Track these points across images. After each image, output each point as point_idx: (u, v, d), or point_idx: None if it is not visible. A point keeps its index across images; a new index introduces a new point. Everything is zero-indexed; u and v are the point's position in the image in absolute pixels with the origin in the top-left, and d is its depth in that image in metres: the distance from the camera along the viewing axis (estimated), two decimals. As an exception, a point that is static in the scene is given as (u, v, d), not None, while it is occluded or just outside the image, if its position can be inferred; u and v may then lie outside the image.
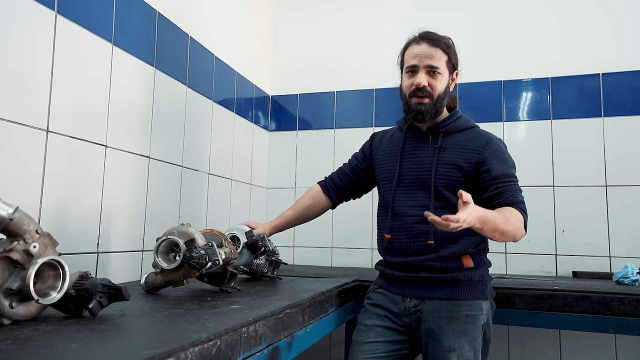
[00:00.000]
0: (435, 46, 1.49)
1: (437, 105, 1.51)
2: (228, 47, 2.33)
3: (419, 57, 1.49)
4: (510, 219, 1.36)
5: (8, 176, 1.17)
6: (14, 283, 0.82)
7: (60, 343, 0.72)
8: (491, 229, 1.32)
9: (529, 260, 2.33)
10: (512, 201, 1.43)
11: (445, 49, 1.50)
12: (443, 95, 1.51)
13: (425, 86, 1.48)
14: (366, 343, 1.48)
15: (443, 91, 1.51)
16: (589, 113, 2.34)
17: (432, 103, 1.50)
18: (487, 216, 1.30)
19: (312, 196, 1.77)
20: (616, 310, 1.53)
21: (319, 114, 2.76)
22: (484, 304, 1.46)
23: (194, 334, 0.77)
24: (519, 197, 1.45)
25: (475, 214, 1.25)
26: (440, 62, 1.49)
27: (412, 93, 1.51)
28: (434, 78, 1.49)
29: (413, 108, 1.51)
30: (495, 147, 1.50)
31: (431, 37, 1.51)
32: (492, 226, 1.31)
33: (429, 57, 1.48)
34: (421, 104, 1.50)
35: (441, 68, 1.49)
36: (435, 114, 1.52)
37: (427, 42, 1.50)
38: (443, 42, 1.50)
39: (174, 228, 1.27)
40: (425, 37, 1.51)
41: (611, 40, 2.34)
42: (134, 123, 1.64)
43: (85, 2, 1.41)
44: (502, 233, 1.35)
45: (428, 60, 1.48)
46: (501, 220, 1.34)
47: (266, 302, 1.15)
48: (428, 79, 1.49)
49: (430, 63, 1.48)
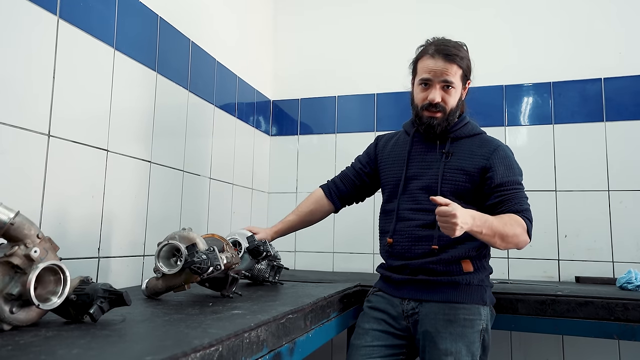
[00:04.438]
0: (451, 62, 1.47)
1: (449, 119, 1.51)
2: (229, 52, 2.33)
3: (434, 72, 1.48)
4: (509, 224, 1.35)
5: (9, 180, 1.16)
6: (15, 288, 0.81)
7: (61, 349, 0.72)
8: (490, 233, 1.31)
9: (531, 266, 2.32)
10: (516, 209, 1.42)
11: (460, 63, 1.48)
12: (455, 108, 1.51)
13: (439, 102, 1.48)
14: (363, 347, 1.47)
15: (456, 104, 1.51)
16: (591, 118, 2.33)
17: (444, 117, 1.50)
18: (483, 217, 1.30)
19: (314, 201, 1.77)
20: (620, 315, 1.52)
21: (321, 118, 2.76)
22: (482, 309, 1.45)
23: (196, 339, 0.77)
24: (524, 204, 1.44)
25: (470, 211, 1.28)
26: (455, 77, 1.48)
27: (425, 107, 1.50)
28: (448, 93, 1.49)
29: (425, 121, 1.51)
30: (503, 154, 1.49)
31: (447, 51, 1.47)
32: (490, 230, 1.31)
33: (444, 73, 1.47)
34: (433, 118, 1.50)
35: (455, 82, 1.48)
36: (446, 126, 1.52)
37: (443, 57, 1.47)
38: (459, 57, 1.48)
39: (175, 233, 1.27)
40: (441, 52, 1.47)
41: (613, 44, 2.34)
42: (136, 128, 1.64)
43: (87, 6, 1.41)
44: (502, 237, 1.34)
45: (444, 76, 1.47)
46: (499, 224, 1.33)
47: (268, 308, 1.14)
48: (442, 94, 1.48)
49: (445, 79, 1.47)
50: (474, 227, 1.28)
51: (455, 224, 1.22)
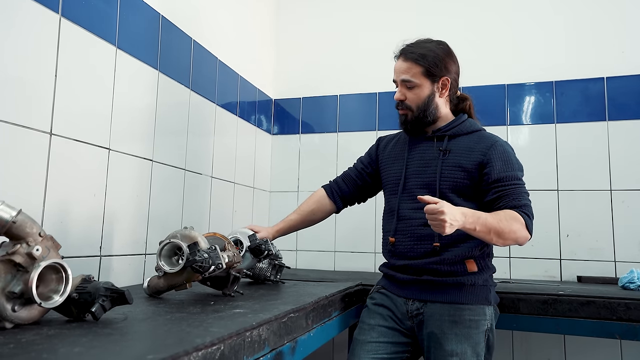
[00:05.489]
0: (408, 60, 1.53)
1: (422, 115, 1.54)
2: (231, 51, 2.33)
3: (395, 73, 1.57)
4: (504, 220, 1.34)
5: (11, 179, 1.16)
6: (17, 286, 0.81)
7: (63, 347, 0.72)
8: (484, 230, 1.30)
9: (533, 265, 2.32)
10: (514, 204, 1.40)
11: (419, 60, 1.51)
12: (425, 105, 1.53)
13: (402, 100, 1.55)
14: (369, 342, 1.47)
15: (424, 101, 1.53)
16: (593, 117, 2.33)
17: (414, 114, 1.55)
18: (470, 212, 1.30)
19: (316, 200, 1.77)
20: (622, 315, 1.52)
21: (322, 117, 2.76)
22: (487, 309, 1.45)
23: (198, 338, 0.77)
24: (523, 200, 1.42)
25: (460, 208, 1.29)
26: (414, 75, 1.52)
27: (395, 106, 1.59)
28: (411, 91, 1.54)
29: (400, 119, 1.60)
30: (500, 149, 1.48)
31: (406, 50, 1.55)
32: (484, 227, 1.30)
33: (402, 72, 1.54)
34: (403, 116, 1.58)
35: (415, 81, 1.52)
36: (427, 123, 1.55)
37: (402, 56, 1.55)
38: (418, 54, 1.51)
39: (177, 231, 1.27)
40: (402, 52, 1.56)
41: (615, 43, 2.34)
42: (138, 126, 1.64)
43: (89, 5, 1.41)
44: (498, 234, 1.32)
45: (402, 75, 1.55)
46: (493, 220, 1.32)
47: (270, 306, 1.14)
48: (405, 92, 1.55)
49: (403, 77, 1.54)
50: (466, 224, 1.27)
51: (444, 220, 1.22)
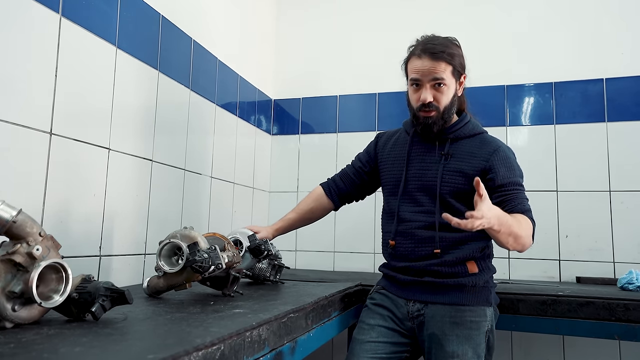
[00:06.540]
0: (438, 60, 1.44)
1: (444, 117, 1.49)
2: (231, 51, 2.33)
3: (422, 72, 1.45)
4: (522, 225, 1.35)
5: (11, 178, 1.16)
6: (17, 286, 0.81)
7: (63, 347, 0.72)
8: (507, 232, 1.29)
9: (532, 266, 2.32)
10: (520, 209, 1.40)
11: (448, 59, 1.45)
12: (450, 105, 1.49)
13: (431, 102, 1.46)
14: (368, 342, 1.47)
15: (450, 101, 1.48)
16: (592, 118, 2.33)
17: (439, 115, 1.48)
18: (504, 216, 1.28)
19: (314, 199, 1.77)
20: (621, 316, 1.52)
21: (322, 117, 2.76)
22: (488, 310, 1.45)
23: (198, 338, 0.77)
24: (526, 205, 1.43)
25: (495, 210, 1.25)
26: (445, 74, 1.45)
27: (419, 108, 1.49)
28: (440, 91, 1.46)
29: (421, 121, 1.50)
30: (503, 155, 1.48)
31: (432, 49, 1.44)
32: (507, 229, 1.29)
33: (432, 72, 1.44)
34: (428, 118, 1.49)
35: (446, 79, 1.46)
36: (443, 124, 1.51)
37: (430, 56, 1.44)
38: (446, 53, 1.45)
39: (176, 231, 1.27)
40: (428, 51, 1.45)
41: (615, 45, 2.34)
42: (137, 126, 1.64)
43: (89, 5, 1.41)
44: (515, 238, 1.32)
45: (432, 75, 1.45)
46: (516, 224, 1.32)
47: (269, 307, 1.14)
48: (433, 93, 1.46)
49: (434, 76, 1.45)
50: (494, 226, 1.25)
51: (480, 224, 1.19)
